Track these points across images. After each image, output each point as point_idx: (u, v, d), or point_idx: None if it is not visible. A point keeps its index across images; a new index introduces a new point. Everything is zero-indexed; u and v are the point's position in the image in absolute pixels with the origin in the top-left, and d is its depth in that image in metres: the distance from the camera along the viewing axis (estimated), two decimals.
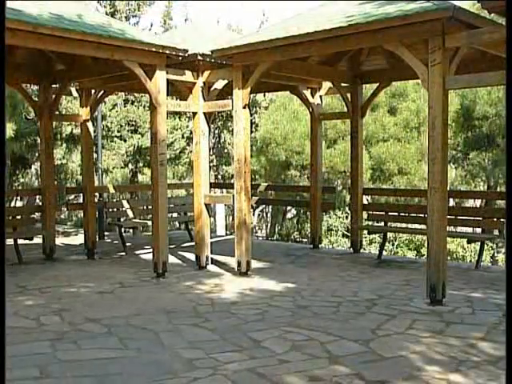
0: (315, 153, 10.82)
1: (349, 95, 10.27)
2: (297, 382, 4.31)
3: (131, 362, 4.79)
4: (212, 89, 8.95)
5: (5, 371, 3.30)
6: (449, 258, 12.81)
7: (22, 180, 19.20)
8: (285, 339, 5.36)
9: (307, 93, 10.70)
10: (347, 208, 15.54)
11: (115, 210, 11.33)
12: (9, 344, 5.09)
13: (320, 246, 11.17)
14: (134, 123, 17.89)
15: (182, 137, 18.75)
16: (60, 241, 11.74)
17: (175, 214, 12.88)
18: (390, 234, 13.69)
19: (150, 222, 10.06)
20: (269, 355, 4.91)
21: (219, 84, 8.87)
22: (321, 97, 10.83)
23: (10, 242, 9.56)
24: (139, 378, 4.45)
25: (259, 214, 23.24)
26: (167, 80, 8.25)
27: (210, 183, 9.85)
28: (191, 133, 11.77)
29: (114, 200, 14.46)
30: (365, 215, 10.83)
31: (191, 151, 14.50)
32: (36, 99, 10.44)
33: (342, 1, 8.02)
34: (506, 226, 3.19)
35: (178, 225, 16.47)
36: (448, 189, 6.89)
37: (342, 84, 10.22)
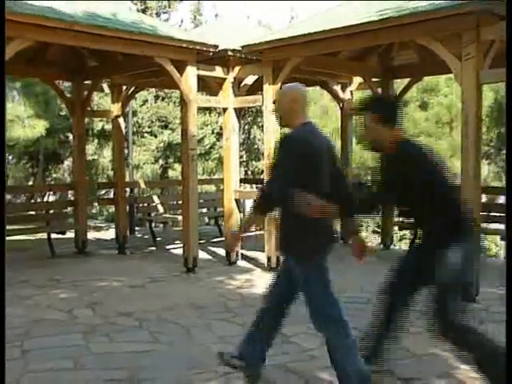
0: (345, 148, 10.75)
1: (380, 90, 10.16)
2: (328, 378, 4.29)
3: (162, 356, 4.84)
4: (242, 84, 8.96)
5: (5, 371, 3.35)
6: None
7: (54, 175, 19.53)
8: (315, 335, 5.33)
9: (337, 88, 10.62)
10: None
11: (146, 205, 11.45)
12: (42, 336, 5.24)
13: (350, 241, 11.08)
14: (164, 119, 18.01)
15: (212, 132, 18.81)
16: (92, 235, 11.88)
17: (205, 210, 12.94)
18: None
19: (180, 217, 10.12)
20: (299, 351, 4.91)
21: (249, 79, 8.87)
22: (351, 92, 10.74)
23: (43, 235, 9.78)
24: (170, 371, 4.49)
25: None
26: (198, 76, 8.28)
27: (240, 179, 9.86)
28: (221, 128, 11.79)
29: (145, 195, 14.58)
30: (396, 211, 10.71)
31: (221, 147, 14.53)
32: (69, 95, 10.57)
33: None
34: (506, 226, 3.13)
35: (207, 220, 16.55)
36: (481, 185, 6.77)
37: (373, 79, 10.12)
